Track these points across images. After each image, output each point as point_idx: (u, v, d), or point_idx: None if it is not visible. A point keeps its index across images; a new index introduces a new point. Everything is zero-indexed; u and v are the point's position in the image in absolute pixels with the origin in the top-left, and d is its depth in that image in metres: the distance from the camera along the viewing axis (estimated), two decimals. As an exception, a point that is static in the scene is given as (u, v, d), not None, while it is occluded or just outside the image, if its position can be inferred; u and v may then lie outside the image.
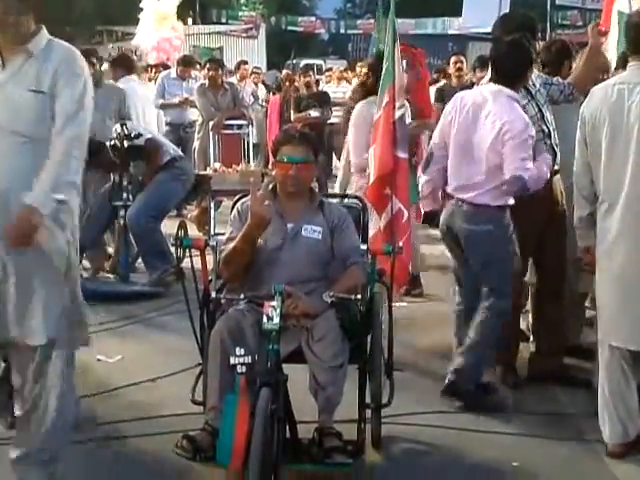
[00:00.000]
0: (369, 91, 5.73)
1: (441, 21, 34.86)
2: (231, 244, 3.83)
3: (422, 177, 4.79)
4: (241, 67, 14.46)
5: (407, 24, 30.03)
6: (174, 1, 15.57)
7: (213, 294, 3.81)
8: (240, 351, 3.31)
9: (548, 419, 4.47)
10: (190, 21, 28.85)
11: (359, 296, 3.71)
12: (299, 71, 11.85)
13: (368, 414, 3.93)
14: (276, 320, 3.34)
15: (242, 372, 3.27)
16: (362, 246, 4.11)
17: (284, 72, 15.60)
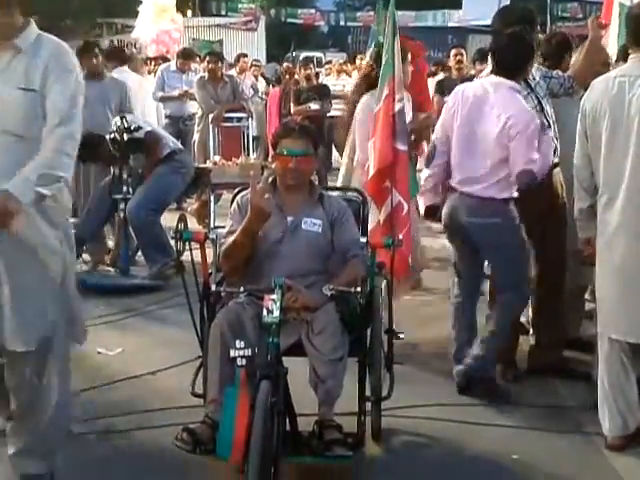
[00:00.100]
0: (373, 83, 5.70)
1: (441, 14, 34.81)
2: (231, 237, 3.83)
3: (425, 171, 4.78)
4: (240, 60, 14.44)
5: (407, 16, 29.99)
6: (173, -7, 15.56)
7: (213, 287, 3.81)
8: (240, 344, 3.32)
9: (548, 412, 4.48)
10: (190, 13, 28.84)
11: (359, 289, 3.72)
12: (299, 64, 11.82)
13: (368, 407, 3.93)
14: (276, 313, 3.34)
15: (242, 365, 3.27)
16: (362, 239, 4.11)
17: (284, 65, 15.59)
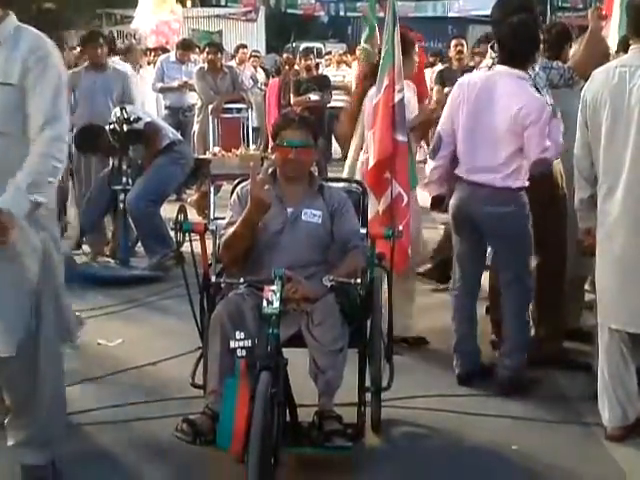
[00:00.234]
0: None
1: (441, 4, 34.66)
2: (231, 229, 3.83)
3: (430, 163, 4.77)
4: (240, 51, 14.41)
5: (407, 6, 29.84)
6: (173, -17, 15.47)
7: (213, 278, 3.81)
8: (240, 335, 3.32)
9: (548, 402, 4.48)
10: (189, 4, 28.70)
11: (359, 280, 3.72)
12: (299, 54, 11.81)
13: (368, 398, 3.94)
14: (276, 304, 3.35)
15: (242, 356, 3.28)
16: (362, 230, 4.11)
17: (284, 56, 15.54)
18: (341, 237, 3.93)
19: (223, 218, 4.08)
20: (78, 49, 9.38)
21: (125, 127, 6.89)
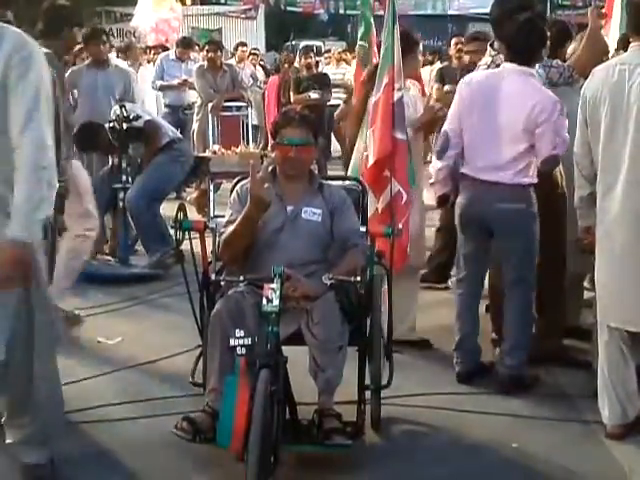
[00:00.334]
0: None
1: (441, 1, 34.60)
2: (231, 227, 3.83)
3: (436, 162, 4.76)
4: (239, 49, 14.41)
5: (406, 4, 29.84)
6: (172, -19, 15.46)
7: (213, 276, 3.82)
8: (240, 333, 3.32)
9: (548, 400, 4.48)
10: (189, 2, 28.67)
11: (358, 278, 3.72)
12: (299, 52, 11.80)
13: (368, 395, 3.94)
14: (275, 302, 3.35)
15: (242, 354, 3.28)
16: (361, 228, 4.11)
17: (284, 53, 15.54)
18: (341, 235, 3.93)
19: (223, 216, 4.08)
20: (77, 47, 9.35)
21: (125, 125, 6.88)
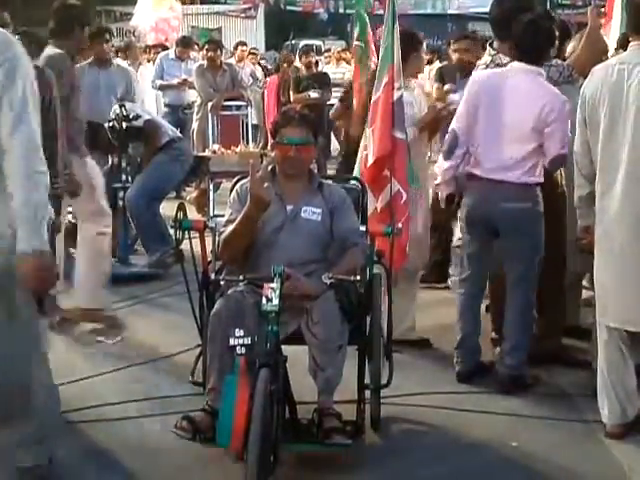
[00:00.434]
0: None
1: (440, 1, 34.62)
2: (230, 226, 3.83)
3: (443, 162, 4.75)
4: (239, 48, 14.40)
5: (406, 3, 29.83)
6: (172, -19, 15.44)
7: (212, 276, 3.82)
8: (239, 332, 3.32)
9: (547, 400, 4.48)
10: (188, 1, 28.66)
11: (358, 277, 3.72)
12: (299, 52, 11.81)
13: (367, 395, 3.94)
14: (275, 301, 3.35)
15: (242, 353, 3.28)
16: (361, 228, 4.11)
17: (283, 53, 15.54)
18: (340, 234, 3.92)
19: (222, 216, 4.08)
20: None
21: (124, 124, 6.89)
